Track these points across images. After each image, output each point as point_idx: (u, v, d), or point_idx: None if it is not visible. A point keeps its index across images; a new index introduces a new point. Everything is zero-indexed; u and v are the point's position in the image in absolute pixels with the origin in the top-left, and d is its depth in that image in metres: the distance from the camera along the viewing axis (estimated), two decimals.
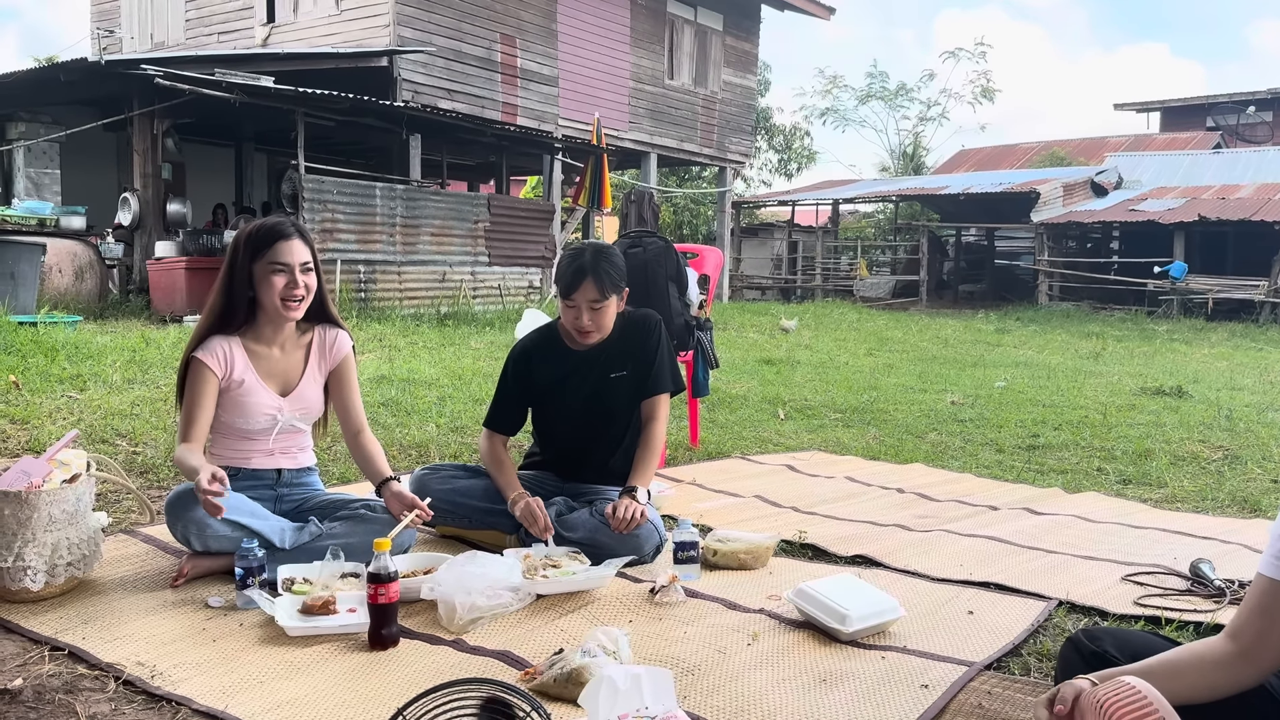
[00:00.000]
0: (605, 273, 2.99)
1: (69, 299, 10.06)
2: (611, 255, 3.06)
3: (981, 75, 31.64)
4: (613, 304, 3.05)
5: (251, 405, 2.86)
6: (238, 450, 2.91)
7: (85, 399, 5.15)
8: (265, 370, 2.90)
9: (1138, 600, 2.72)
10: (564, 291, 3.03)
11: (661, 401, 3.17)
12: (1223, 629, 1.54)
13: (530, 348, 3.23)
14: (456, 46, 14.44)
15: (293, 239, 2.84)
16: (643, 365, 3.15)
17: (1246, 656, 1.48)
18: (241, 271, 2.83)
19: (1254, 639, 1.48)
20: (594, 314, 3.01)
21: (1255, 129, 27.48)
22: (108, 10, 16.91)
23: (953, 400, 6.88)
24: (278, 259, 2.81)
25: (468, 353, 8.30)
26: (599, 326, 3.05)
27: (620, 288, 3.07)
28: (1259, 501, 4.07)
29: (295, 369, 2.95)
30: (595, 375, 3.16)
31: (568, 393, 3.17)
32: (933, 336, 13.10)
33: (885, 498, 4.03)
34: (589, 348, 3.14)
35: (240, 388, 2.84)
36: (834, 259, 25.01)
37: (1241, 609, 1.52)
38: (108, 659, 2.21)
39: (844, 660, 2.30)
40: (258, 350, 2.90)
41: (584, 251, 3.04)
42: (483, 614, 2.45)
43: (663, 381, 3.17)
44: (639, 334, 3.17)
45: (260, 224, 2.89)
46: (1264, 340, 13.97)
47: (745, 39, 20.11)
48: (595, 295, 2.99)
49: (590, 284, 2.97)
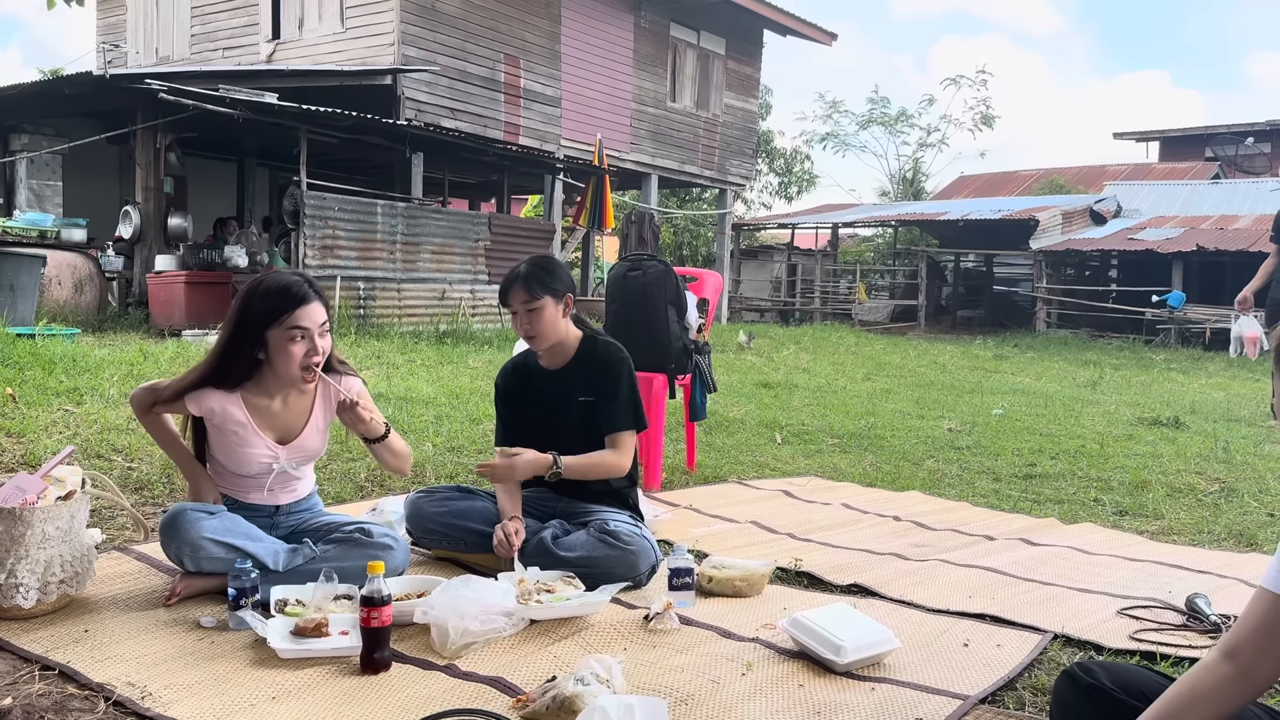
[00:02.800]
0: (534, 277, 3.12)
1: (68, 311, 10.05)
2: (547, 263, 3.21)
3: (981, 102, 31.80)
4: (548, 305, 3.11)
5: (246, 455, 2.81)
6: (234, 486, 2.89)
7: (82, 413, 5.14)
8: (264, 423, 2.82)
9: (1133, 635, 2.72)
10: (501, 300, 3.22)
11: (622, 437, 3.18)
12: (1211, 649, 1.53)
13: (510, 370, 3.37)
14: (461, 66, 14.51)
15: (312, 302, 2.70)
16: (604, 399, 3.19)
17: (1246, 676, 1.47)
18: (253, 335, 2.69)
19: (1252, 658, 1.47)
20: (530, 316, 3.10)
21: (1254, 160, 27.61)
22: (113, 25, 16.99)
23: (950, 427, 6.87)
24: (298, 324, 2.67)
25: (466, 371, 8.29)
26: (538, 330, 3.13)
27: (557, 292, 3.14)
28: (1255, 535, 4.07)
29: (299, 419, 2.88)
30: (567, 397, 3.21)
31: (546, 413, 3.23)
32: (930, 362, 13.11)
33: (881, 525, 4.02)
34: (560, 368, 3.22)
35: (235, 437, 2.79)
36: (833, 282, 25.06)
37: (1239, 627, 1.50)
38: (98, 679, 2.19)
39: (838, 692, 2.29)
40: (258, 404, 2.81)
41: (520, 263, 3.22)
42: (476, 639, 2.44)
43: (623, 419, 3.19)
44: (603, 365, 3.21)
45: (275, 285, 2.71)
46: (1261, 371, 13.97)
47: (747, 63, 20.22)
48: (525, 298, 3.10)
49: (519, 288, 3.11)
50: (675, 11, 18.17)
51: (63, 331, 8.34)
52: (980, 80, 31.50)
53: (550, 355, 3.22)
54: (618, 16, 17.27)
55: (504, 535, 2.95)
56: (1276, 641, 1.47)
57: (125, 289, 11.66)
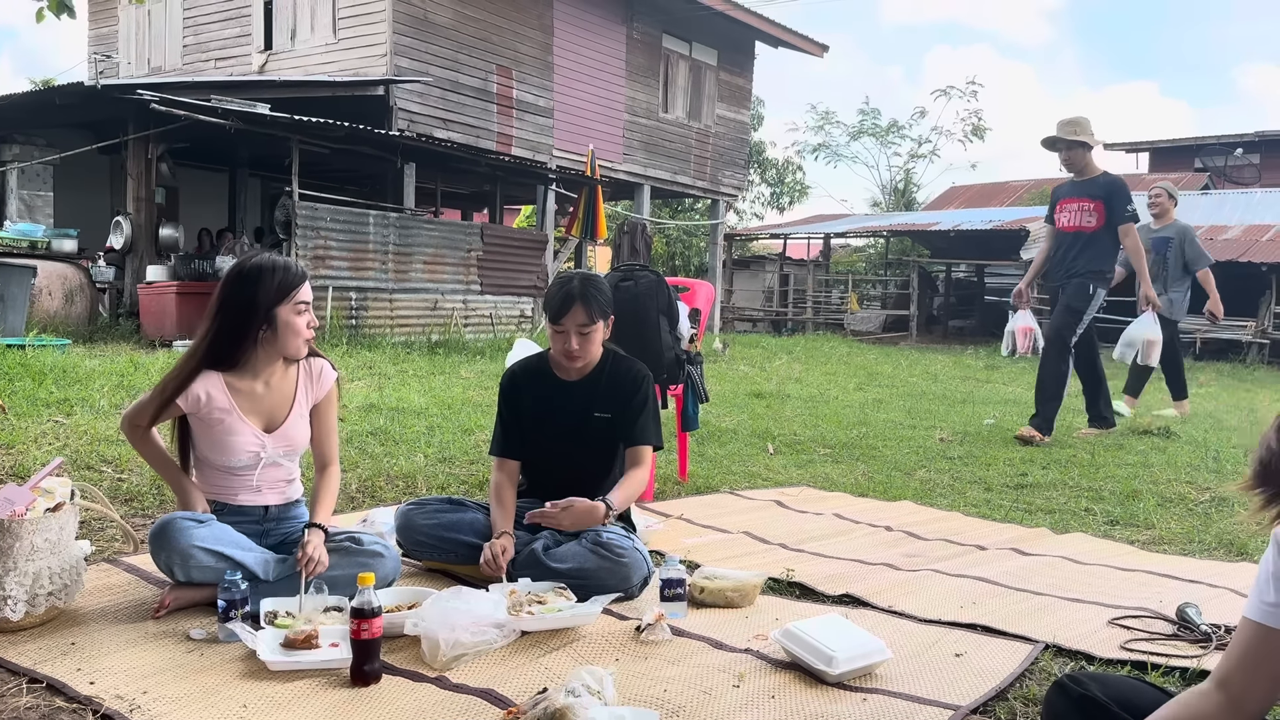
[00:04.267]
0: (593, 298, 3.07)
1: (58, 322, 10.03)
2: (599, 283, 3.14)
3: (973, 113, 31.95)
4: (599, 330, 3.12)
5: (233, 444, 2.81)
6: (223, 486, 2.88)
7: (72, 424, 5.12)
8: (249, 407, 2.84)
9: (1124, 645, 2.72)
10: (553, 316, 3.09)
11: (646, 451, 3.21)
12: (1208, 675, 1.53)
13: (519, 374, 3.29)
14: (453, 77, 14.54)
15: (307, 278, 2.89)
16: (627, 416, 3.18)
17: (1238, 705, 1.47)
18: (260, 313, 2.78)
19: (1243, 687, 1.47)
20: (582, 339, 3.07)
21: (1243, 170, 27.76)
22: (105, 35, 16.99)
23: (941, 437, 6.88)
24: (303, 299, 2.84)
25: (458, 382, 8.28)
26: (586, 352, 3.11)
27: (607, 314, 3.14)
28: (1245, 545, 4.08)
29: (282, 404, 2.90)
30: (581, 410, 3.18)
31: (553, 423, 3.19)
32: (922, 372, 13.14)
33: (873, 535, 4.02)
34: (578, 380, 3.19)
35: (221, 426, 2.80)
36: (825, 292, 25.11)
37: (1228, 656, 1.50)
38: (86, 692, 2.18)
39: (830, 703, 2.29)
40: (240, 387, 2.84)
41: (573, 279, 3.12)
42: (467, 651, 2.43)
43: (648, 434, 3.21)
44: (627, 383, 3.20)
45: (278, 263, 2.84)
46: (1251, 380, 14.03)
47: (739, 74, 20.29)
48: (584, 320, 3.06)
49: (579, 309, 3.05)
50: (667, 23, 18.24)
51: (53, 342, 8.32)
52: (971, 91, 31.67)
53: (577, 369, 3.19)
54: (610, 28, 17.32)
55: (490, 555, 2.91)
56: (1263, 671, 1.46)
57: (116, 299, 11.63)
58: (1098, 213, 6.52)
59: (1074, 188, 6.72)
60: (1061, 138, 6.60)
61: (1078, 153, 6.61)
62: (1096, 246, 6.58)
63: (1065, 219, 6.68)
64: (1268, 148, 27.19)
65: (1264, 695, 1.47)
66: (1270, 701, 1.49)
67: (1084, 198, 6.59)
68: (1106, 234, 6.57)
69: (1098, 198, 6.53)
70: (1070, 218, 6.64)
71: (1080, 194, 6.63)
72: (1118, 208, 6.49)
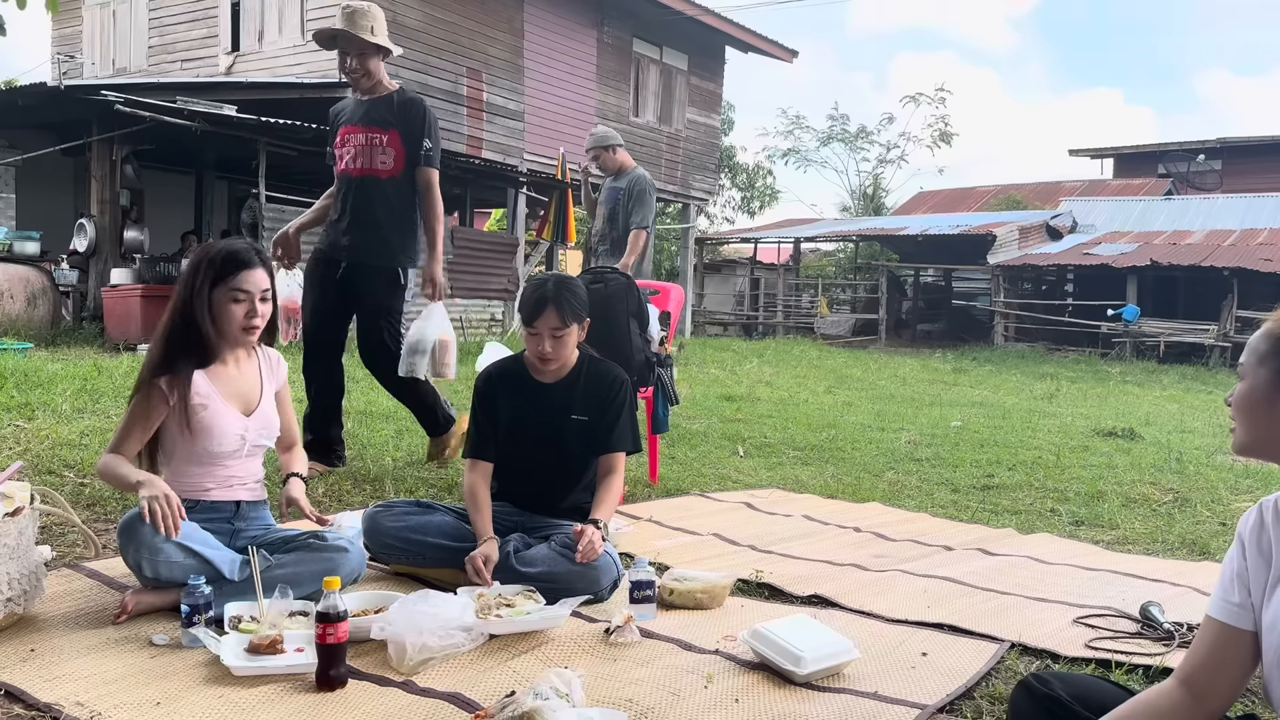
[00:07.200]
0: (566, 302, 3.06)
1: (20, 325, 9.88)
2: (574, 286, 3.14)
3: (940, 120, 32.21)
4: (574, 333, 3.11)
5: (220, 427, 2.83)
6: (197, 482, 2.86)
7: (33, 428, 5.05)
8: (228, 392, 2.88)
9: (1089, 643, 2.75)
10: (527, 319, 3.09)
11: (620, 458, 3.23)
12: (1172, 673, 1.55)
13: (495, 375, 3.27)
14: (423, 80, 14.46)
15: (256, 268, 2.84)
16: (605, 420, 3.18)
17: (1201, 702, 1.49)
18: (200, 296, 2.80)
19: (1205, 685, 1.49)
20: (555, 342, 3.07)
21: (1205, 176, 28.19)
22: (69, 35, 16.76)
23: (908, 439, 6.93)
24: (240, 286, 2.81)
25: None
26: (560, 356, 3.10)
27: (581, 317, 3.13)
28: (1208, 544, 4.13)
29: (253, 389, 2.95)
30: (557, 413, 3.17)
31: (528, 425, 3.18)
32: (891, 375, 13.22)
33: (842, 536, 4.04)
34: (555, 383, 3.18)
35: (206, 410, 2.81)
36: (795, 296, 25.24)
37: (1192, 653, 1.52)
38: (46, 699, 2.14)
39: (799, 703, 2.30)
40: (215, 373, 2.88)
41: (547, 281, 3.12)
42: (434, 654, 2.41)
43: (624, 441, 3.22)
44: (605, 387, 3.20)
45: (223, 248, 2.86)
46: (1213, 383, 14.25)
47: (710, 79, 20.35)
48: (556, 323, 3.05)
49: (552, 312, 3.04)
50: (638, 27, 18.25)
51: (15, 346, 8.19)
52: (939, 98, 31.93)
53: (551, 371, 3.18)
54: (581, 32, 17.31)
55: (474, 570, 2.85)
56: (1225, 669, 1.48)
57: (80, 303, 11.48)
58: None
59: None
60: (355, 35, 4.64)
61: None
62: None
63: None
64: (1229, 154, 27.65)
65: (1226, 692, 1.49)
66: (1232, 698, 1.51)
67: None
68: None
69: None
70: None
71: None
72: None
